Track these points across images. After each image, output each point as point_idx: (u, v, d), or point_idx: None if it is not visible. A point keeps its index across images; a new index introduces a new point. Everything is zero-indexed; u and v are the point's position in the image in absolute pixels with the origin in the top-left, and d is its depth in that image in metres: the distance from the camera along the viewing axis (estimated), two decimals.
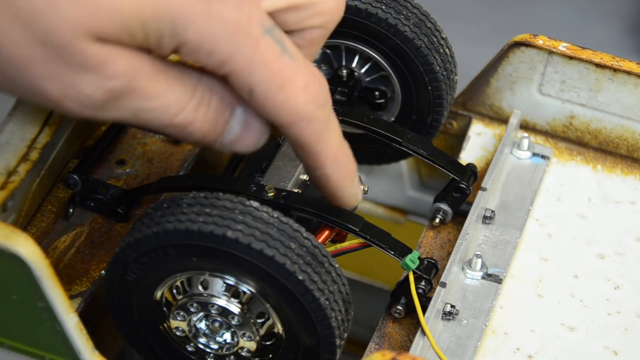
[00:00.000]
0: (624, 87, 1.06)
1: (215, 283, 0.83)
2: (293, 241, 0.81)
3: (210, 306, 0.84)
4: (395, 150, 1.07)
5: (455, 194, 1.01)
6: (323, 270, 0.82)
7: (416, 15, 1.02)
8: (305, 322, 0.82)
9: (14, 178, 0.91)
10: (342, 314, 0.83)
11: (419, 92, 1.04)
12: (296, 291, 0.80)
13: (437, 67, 1.02)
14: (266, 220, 0.81)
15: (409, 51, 1.01)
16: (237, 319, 0.84)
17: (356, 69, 1.06)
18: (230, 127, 0.79)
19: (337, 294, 0.83)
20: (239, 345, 0.86)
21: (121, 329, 0.90)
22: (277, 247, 0.80)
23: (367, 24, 1.01)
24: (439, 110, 1.05)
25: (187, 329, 0.86)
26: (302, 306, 0.81)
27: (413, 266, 0.91)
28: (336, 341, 0.83)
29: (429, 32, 1.02)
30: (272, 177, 0.95)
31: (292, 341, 0.84)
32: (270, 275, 0.80)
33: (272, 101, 0.77)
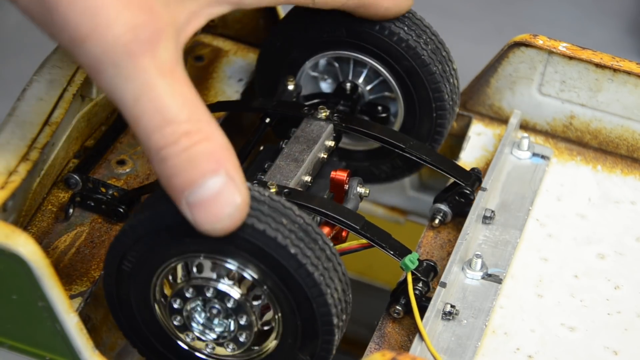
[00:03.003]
0: (624, 87, 1.06)
1: (210, 265, 0.82)
2: (285, 217, 0.80)
3: (206, 289, 0.83)
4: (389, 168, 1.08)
5: (459, 199, 1.01)
6: (317, 247, 0.81)
7: (434, 42, 1.02)
8: (302, 300, 0.82)
9: (14, 178, 0.91)
10: (338, 293, 0.82)
11: (422, 117, 1.04)
12: (289, 265, 0.80)
13: (446, 96, 1.03)
14: (257, 198, 0.81)
15: (422, 75, 1.02)
16: (233, 301, 0.83)
17: (361, 84, 1.06)
18: (203, 184, 0.77)
19: (332, 271, 0.82)
20: (238, 332, 0.85)
21: (120, 324, 0.90)
22: (268, 223, 0.79)
23: (389, 42, 1.01)
24: (438, 139, 1.06)
25: (184, 317, 0.86)
26: (296, 282, 0.80)
27: (412, 267, 0.91)
28: (333, 320, 0.82)
29: (444, 60, 1.03)
30: (274, 175, 0.95)
31: (290, 324, 0.84)
32: (263, 251, 0.80)
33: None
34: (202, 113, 0.78)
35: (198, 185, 0.76)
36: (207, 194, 0.76)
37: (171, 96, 0.76)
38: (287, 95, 1.05)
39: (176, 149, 0.76)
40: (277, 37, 1.05)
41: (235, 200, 0.77)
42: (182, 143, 0.76)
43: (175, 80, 0.77)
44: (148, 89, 0.76)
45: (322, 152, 0.99)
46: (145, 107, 0.76)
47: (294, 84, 1.05)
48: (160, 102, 0.76)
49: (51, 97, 0.97)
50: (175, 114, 0.76)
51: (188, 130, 0.76)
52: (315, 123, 1.00)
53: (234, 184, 0.77)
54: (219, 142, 0.78)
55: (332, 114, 1.01)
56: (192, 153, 0.76)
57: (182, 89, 0.77)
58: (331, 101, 1.06)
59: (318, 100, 1.07)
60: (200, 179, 0.76)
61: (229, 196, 0.77)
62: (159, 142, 0.76)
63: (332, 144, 1.01)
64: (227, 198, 0.77)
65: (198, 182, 0.76)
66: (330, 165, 1.01)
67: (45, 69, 0.99)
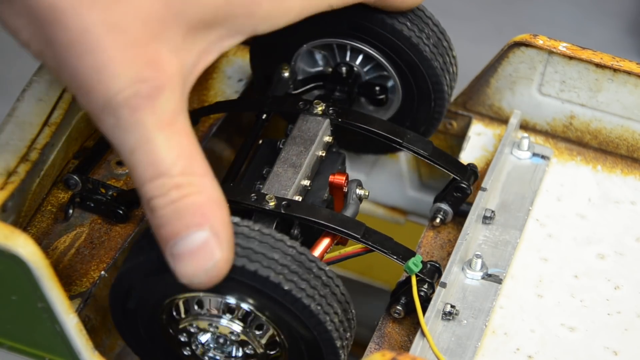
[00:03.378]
0: (624, 87, 1.06)
1: (209, 302, 0.83)
2: (276, 252, 0.80)
3: (209, 325, 0.84)
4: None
5: (456, 194, 1.01)
6: (311, 276, 0.81)
7: (436, 35, 1.02)
8: (302, 328, 0.82)
9: (13, 178, 0.90)
10: (338, 315, 0.83)
11: (420, 105, 1.05)
12: (285, 301, 0.80)
13: (446, 87, 1.03)
14: (247, 235, 0.81)
15: (424, 70, 1.02)
16: (236, 334, 0.84)
17: (357, 66, 1.05)
18: (187, 236, 0.78)
19: (330, 296, 0.82)
20: (246, 357, 0.86)
21: (133, 349, 0.90)
22: (259, 261, 0.79)
23: (391, 38, 1.01)
24: (435, 123, 1.06)
25: (193, 347, 0.87)
26: (294, 314, 0.81)
27: (416, 270, 0.91)
28: (336, 343, 0.83)
29: (444, 51, 1.03)
30: (272, 184, 0.94)
31: (294, 347, 0.84)
32: (257, 290, 0.80)
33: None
34: (197, 166, 0.79)
35: (181, 238, 0.78)
36: (189, 247, 0.78)
37: (167, 149, 0.78)
38: (283, 83, 1.05)
39: (165, 200, 0.77)
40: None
41: (214, 256, 0.78)
42: (171, 195, 0.77)
43: (173, 132, 0.78)
44: (144, 141, 0.77)
45: (320, 150, 0.99)
46: (140, 159, 0.78)
47: (289, 71, 1.05)
48: (155, 155, 0.77)
49: (51, 98, 0.97)
50: (168, 167, 0.77)
51: (179, 183, 0.77)
52: (311, 119, 1.00)
53: (217, 240, 0.78)
54: (209, 196, 0.79)
55: (328, 107, 1.01)
56: (180, 206, 0.77)
57: (179, 141, 0.79)
58: (328, 86, 1.05)
59: (314, 85, 1.06)
60: (184, 232, 0.78)
61: (209, 252, 0.78)
62: (150, 193, 0.78)
63: (329, 139, 1.00)
64: (207, 253, 0.78)
65: (182, 234, 0.78)
66: (329, 160, 1.00)
67: (45, 70, 0.99)
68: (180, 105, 0.80)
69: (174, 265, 0.79)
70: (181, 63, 0.81)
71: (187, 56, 0.82)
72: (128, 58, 0.77)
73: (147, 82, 0.77)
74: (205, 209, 0.78)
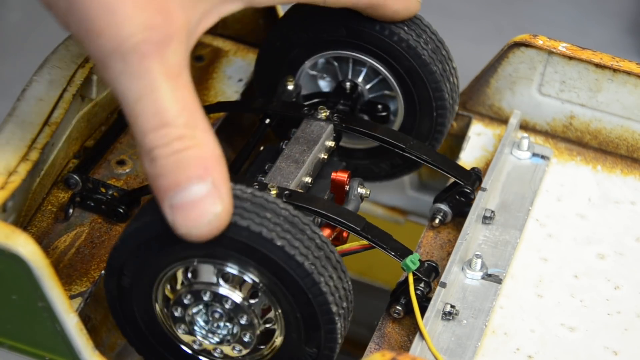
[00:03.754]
0: (623, 87, 1.06)
1: (205, 270, 0.83)
2: (269, 212, 0.80)
3: (203, 294, 0.83)
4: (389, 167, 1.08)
5: (459, 198, 1.01)
6: (305, 237, 0.81)
7: (434, 41, 1.02)
8: (298, 292, 0.81)
9: (14, 178, 0.91)
10: (333, 280, 0.82)
11: (423, 116, 1.04)
12: (278, 258, 0.80)
13: (446, 95, 1.03)
14: (240, 197, 0.81)
15: (423, 75, 1.02)
16: (232, 302, 0.84)
17: (361, 83, 1.06)
18: (188, 188, 0.77)
19: (324, 259, 0.82)
20: (241, 332, 0.85)
21: (127, 336, 0.90)
22: (251, 218, 0.79)
23: (389, 42, 1.01)
24: (438, 137, 1.06)
25: (188, 323, 0.86)
26: (289, 275, 0.80)
27: (413, 267, 0.91)
28: (332, 308, 0.81)
29: (444, 59, 1.03)
30: (275, 177, 0.95)
31: (291, 319, 0.84)
32: (250, 247, 0.80)
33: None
34: (200, 120, 0.79)
35: (182, 189, 0.77)
36: (190, 198, 0.77)
37: (172, 100, 0.77)
38: (287, 95, 1.05)
39: (167, 150, 0.77)
40: (276, 37, 1.05)
41: (216, 209, 0.78)
42: (174, 146, 0.77)
43: (179, 84, 0.78)
44: (151, 90, 0.77)
45: (323, 153, 0.99)
46: (145, 107, 0.77)
47: (294, 84, 1.05)
48: (161, 104, 0.77)
49: (51, 98, 0.97)
50: (173, 117, 0.77)
51: (182, 134, 0.77)
52: (315, 123, 1.00)
53: (218, 193, 0.78)
54: (211, 151, 0.79)
55: (332, 114, 1.01)
56: (182, 157, 0.77)
57: (184, 94, 0.78)
58: (331, 101, 1.05)
59: (318, 100, 1.07)
60: (185, 183, 0.77)
61: (210, 204, 0.78)
62: (152, 142, 0.77)
63: (332, 144, 1.01)
64: (208, 205, 0.78)
65: (183, 185, 0.77)
66: (330, 166, 1.01)
67: (45, 69, 0.99)
68: (186, 60, 0.80)
69: (173, 216, 0.78)
70: (187, 19, 0.81)
71: (192, 13, 0.82)
72: (140, 3, 0.77)
73: (158, 29, 0.77)
74: (207, 162, 0.78)
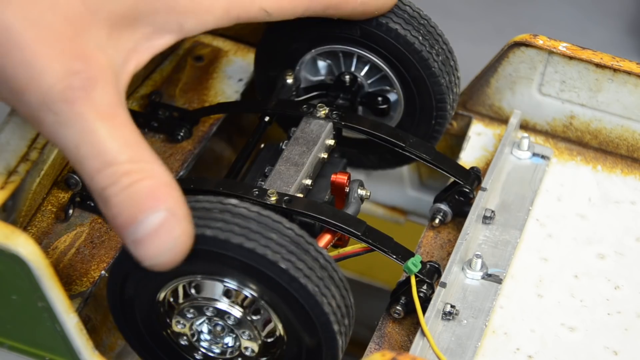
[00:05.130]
0: (624, 87, 1.06)
1: (207, 286, 0.83)
2: (274, 232, 0.80)
3: (205, 309, 0.84)
4: (398, 155, 1.08)
5: (458, 197, 1.01)
6: (309, 258, 0.81)
7: (444, 52, 1.02)
8: (300, 313, 0.82)
9: (14, 178, 0.90)
10: (336, 299, 0.82)
11: (421, 121, 1.05)
12: (282, 281, 0.80)
13: (449, 106, 1.03)
14: (245, 215, 0.81)
15: (430, 87, 1.02)
16: (233, 318, 0.84)
17: (361, 76, 1.06)
18: (144, 220, 0.78)
19: (328, 279, 0.82)
20: (243, 346, 0.86)
21: (129, 341, 0.90)
22: (257, 240, 0.79)
23: (402, 50, 1.01)
24: (435, 138, 1.06)
25: (189, 335, 0.86)
26: (292, 296, 0.81)
27: (415, 270, 0.91)
28: (334, 327, 0.82)
29: (451, 70, 1.03)
30: (274, 181, 0.94)
31: (293, 335, 0.84)
32: (255, 269, 0.80)
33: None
34: (144, 153, 0.79)
35: (139, 222, 0.78)
36: (148, 230, 0.78)
37: (111, 139, 0.78)
38: (287, 89, 1.05)
39: (116, 188, 0.78)
40: (277, 32, 1.05)
41: (175, 233, 0.78)
42: (122, 183, 0.77)
43: (115, 123, 0.79)
44: (87, 133, 0.77)
45: (323, 152, 0.99)
46: (86, 151, 0.78)
47: (293, 78, 1.05)
48: (100, 145, 0.77)
49: None
50: (115, 155, 0.78)
51: (128, 170, 0.78)
52: (314, 122, 1.00)
53: (175, 218, 0.78)
54: (160, 179, 0.79)
55: (332, 111, 1.01)
56: (132, 191, 0.78)
57: (122, 131, 0.79)
58: (330, 94, 1.05)
59: (317, 93, 1.07)
60: (140, 216, 0.78)
61: (169, 231, 0.78)
62: (100, 184, 0.78)
63: (332, 142, 1.01)
64: (167, 233, 0.78)
65: (139, 219, 0.78)
66: (331, 164, 1.00)
67: None
68: (118, 100, 0.80)
69: (136, 251, 0.78)
70: (109, 60, 0.81)
71: (114, 54, 0.82)
72: (55, 52, 0.77)
73: (79, 74, 0.77)
74: (158, 191, 0.78)
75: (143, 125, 1.08)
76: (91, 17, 0.80)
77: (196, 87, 1.14)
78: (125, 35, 0.83)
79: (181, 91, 1.13)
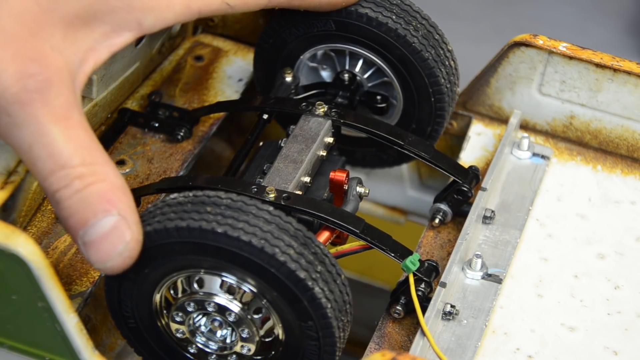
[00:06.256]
0: (624, 87, 1.06)
1: (208, 281, 0.83)
2: (272, 225, 0.81)
3: (206, 304, 0.84)
4: (396, 153, 1.08)
5: (457, 197, 1.01)
6: (308, 252, 0.81)
7: (425, 27, 1.02)
8: (298, 308, 0.82)
9: (14, 178, 0.90)
10: (334, 294, 0.82)
11: (421, 103, 1.04)
12: (280, 274, 0.80)
13: (442, 80, 1.03)
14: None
15: (415, 62, 1.02)
16: (234, 315, 0.84)
17: (359, 73, 1.06)
18: (96, 223, 0.79)
19: (326, 274, 0.82)
20: (240, 343, 0.86)
21: (127, 339, 0.90)
22: (255, 233, 0.80)
23: (377, 32, 1.01)
24: (440, 122, 1.06)
25: (187, 330, 0.86)
26: (290, 290, 0.81)
27: (413, 268, 0.91)
28: (332, 322, 0.82)
29: (437, 44, 1.03)
30: (273, 178, 0.95)
31: (290, 331, 0.84)
32: (253, 262, 0.80)
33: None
34: (98, 156, 0.80)
35: (91, 225, 0.79)
36: (99, 233, 0.79)
37: (64, 141, 0.78)
38: (286, 87, 1.05)
39: (69, 191, 0.78)
40: (269, 35, 1.06)
41: (125, 238, 0.79)
42: (74, 185, 0.78)
43: (69, 125, 0.79)
44: (41, 135, 0.78)
45: (321, 150, 0.99)
46: (39, 153, 0.78)
47: (292, 76, 1.05)
48: (53, 147, 0.78)
49: None
50: (68, 158, 0.78)
51: (81, 173, 0.78)
52: (313, 120, 1.00)
53: (126, 223, 0.79)
54: (113, 183, 0.79)
55: (330, 109, 1.01)
56: (84, 194, 0.78)
57: (77, 133, 0.79)
58: (330, 92, 1.05)
59: (316, 91, 1.07)
60: (92, 219, 0.79)
61: (119, 235, 0.79)
62: (53, 186, 0.78)
63: (331, 140, 1.01)
64: (118, 237, 0.79)
65: (90, 221, 0.79)
66: (329, 162, 1.00)
67: None
68: (74, 101, 0.80)
69: (87, 252, 0.79)
70: (66, 60, 0.81)
71: (72, 54, 0.82)
72: (9, 55, 0.77)
73: (34, 76, 0.78)
74: (110, 195, 0.79)
75: (143, 125, 1.08)
76: (46, 18, 0.80)
77: (196, 87, 1.14)
78: (82, 35, 0.83)
79: (181, 91, 1.13)
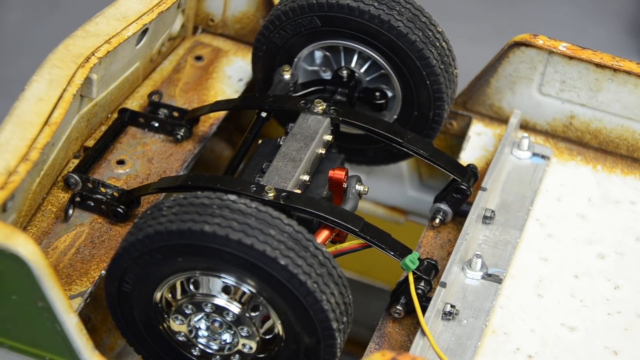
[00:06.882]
0: (624, 87, 1.06)
1: (206, 282, 0.84)
2: (273, 228, 0.81)
3: (204, 305, 0.84)
4: (395, 151, 1.08)
5: (455, 195, 1.01)
6: (308, 254, 0.81)
7: (409, 10, 1.03)
8: (299, 310, 0.82)
9: (14, 178, 0.90)
10: (335, 296, 0.82)
11: (418, 87, 1.04)
12: (281, 277, 0.80)
13: (434, 61, 1.03)
14: (244, 212, 0.81)
15: (403, 46, 1.02)
16: (232, 315, 0.84)
17: (356, 69, 1.06)
18: None
19: (327, 276, 0.82)
20: (241, 343, 0.86)
21: (127, 339, 0.90)
22: (255, 236, 0.80)
23: (361, 21, 1.01)
24: (440, 105, 1.05)
25: (187, 332, 0.87)
26: (291, 292, 0.81)
27: (413, 267, 0.91)
28: (332, 324, 0.82)
29: (424, 26, 1.03)
30: (272, 177, 0.95)
31: (290, 332, 0.84)
32: (254, 265, 0.80)
33: None
34: None
35: None
36: None
37: None
38: (284, 85, 1.05)
39: None
40: (261, 43, 1.06)
41: None
42: None
43: None
44: None
45: (320, 148, 0.99)
46: None
47: (290, 73, 1.06)
48: None
49: (51, 97, 0.97)
50: None
51: None
52: (312, 118, 1.00)
53: None
54: None
55: (329, 107, 1.01)
56: None
57: None
58: (328, 90, 1.06)
59: (315, 88, 1.07)
60: None
61: None
62: None
63: (329, 138, 1.01)
64: None
65: None
66: (329, 160, 1.01)
67: (45, 69, 0.99)
68: None
69: None
70: None
71: None
72: None
73: None
74: None
75: (143, 125, 1.08)
76: None
77: (196, 87, 1.14)
78: None
79: (181, 91, 1.13)
